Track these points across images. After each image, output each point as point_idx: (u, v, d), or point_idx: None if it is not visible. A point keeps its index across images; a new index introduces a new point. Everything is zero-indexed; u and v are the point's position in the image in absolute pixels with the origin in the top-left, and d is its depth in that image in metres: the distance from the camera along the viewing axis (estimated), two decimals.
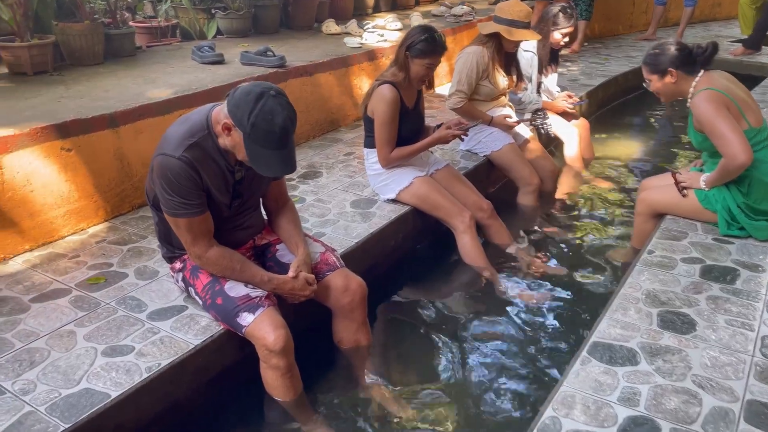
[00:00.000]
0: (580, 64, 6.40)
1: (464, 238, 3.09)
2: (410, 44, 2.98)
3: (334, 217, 3.07)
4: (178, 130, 2.06)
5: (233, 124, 1.96)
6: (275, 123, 1.92)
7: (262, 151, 1.96)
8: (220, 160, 2.09)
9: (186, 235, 2.10)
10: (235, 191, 2.19)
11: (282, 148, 1.97)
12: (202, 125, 2.07)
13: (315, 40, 4.93)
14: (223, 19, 4.80)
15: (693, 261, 2.61)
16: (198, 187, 2.04)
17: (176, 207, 2.04)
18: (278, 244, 2.41)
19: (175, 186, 2.01)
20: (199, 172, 2.03)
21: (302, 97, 4.05)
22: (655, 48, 2.83)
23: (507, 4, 3.60)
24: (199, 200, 2.06)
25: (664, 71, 2.78)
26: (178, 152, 2.00)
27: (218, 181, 2.11)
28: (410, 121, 3.16)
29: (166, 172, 2.00)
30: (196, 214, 2.06)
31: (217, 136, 2.06)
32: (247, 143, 1.95)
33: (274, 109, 1.92)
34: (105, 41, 3.96)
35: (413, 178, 3.15)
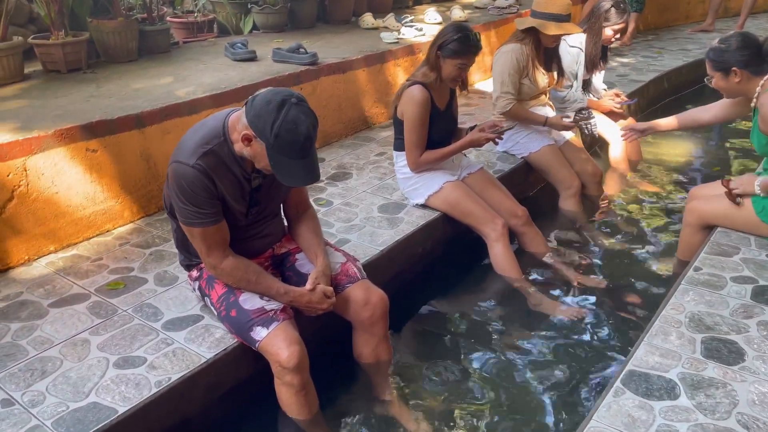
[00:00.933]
0: (631, 58, 6.09)
1: (496, 248, 2.94)
2: (442, 43, 2.83)
3: (360, 223, 2.97)
4: (193, 137, 2.00)
5: (254, 135, 1.89)
6: (299, 132, 1.85)
7: (286, 161, 1.89)
8: (236, 168, 2.02)
9: (201, 244, 2.04)
10: (252, 199, 2.12)
11: (305, 156, 1.91)
12: (217, 132, 2.00)
13: (351, 35, 4.82)
14: (258, 14, 4.74)
15: (744, 280, 2.40)
16: (213, 195, 1.98)
17: (191, 216, 1.98)
18: (298, 253, 2.33)
19: (189, 195, 1.95)
20: (213, 180, 1.96)
21: (335, 95, 3.96)
22: (721, 42, 2.59)
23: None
24: (214, 209, 1.99)
25: (728, 70, 2.55)
26: (192, 160, 1.93)
27: (234, 190, 2.04)
28: (442, 123, 3.02)
29: (180, 181, 1.94)
30: (211, 224, 2.00)
31: (233, 143, 1.99)
32: (270, 153, 1.88)
33: (297, 117, 1.86)
34: (140, 37, 3.95)
35: (443, 183, 3.02)
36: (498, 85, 3.45)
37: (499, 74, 3.44)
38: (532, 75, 3.49)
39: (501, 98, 3.43)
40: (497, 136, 2.95)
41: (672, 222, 3.53)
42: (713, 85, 2.66)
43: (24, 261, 2.58)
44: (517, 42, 3.44)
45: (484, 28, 5.31)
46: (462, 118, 4.44)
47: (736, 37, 2.56)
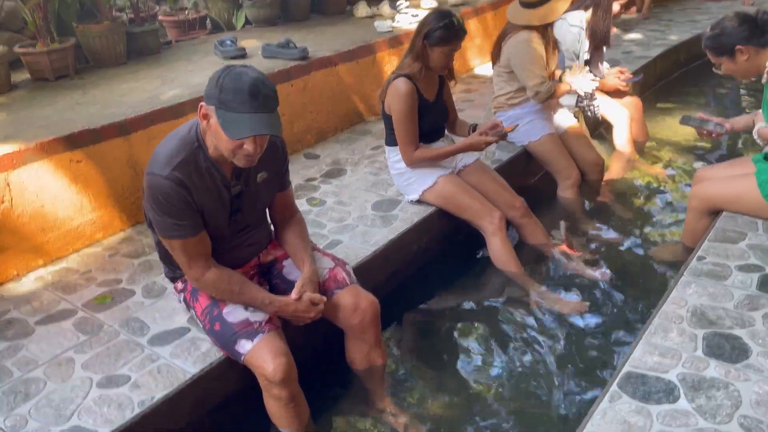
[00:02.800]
0: (637, 33, 5.90)
1: (494, 241, 2.86)
2: (428, 32, 2.73)
3: (354, 222, 2.91)
4: (166, 147, 1.94)
5: (206, 106, 1.81)
6: (243, 81, 1.75)
7: (232, 115, 1.75)
8: (215, 175, 1.95)
9: (181, 257, 1.99)
10: (233, 207, 2.05)
11: (256, 110, 1.75)
12: (191, 138, 1.93)
13: (345, 26, 4.72)
14: (250, 9, 4.66)
15: (750, 269, 2.29)
16: (190, 206, 1.92)
17: (169, 228, 1.92)
18: (285, 260, 2.27)
19: (166, 207, 1.89)
20: (190, 190, 1.90)
21: (327, 89, 3.87)
22: (712, 29, 2.49)
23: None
24: (192, 220, 1.94)
25: (732, 51, 2.43)
26: (165, 171, 1.87)
27: (213, 198, 1.98)
28: (432, 114, 2.93)
29: (155, 193, 1.88)
30: (191, 235, 1.94)
31: (207, 147, 1.92)
32: (218, 113, 1.77)
33: (243, 72, 1.78)
34: (128, 40, 3.90)
35: (438, 177, 2.93)
36: (529, 75, 3.27)
37: (524, 66, 3.27)
38: (545, 59, 3.37)
39: (539, 87, 3.26)
40: (499, 138, 2.84)
41: (678, 206, 3.41)
42: (723, 71, 2.55)
43: (13, 277, 2.56)
44: (524, 30, 3.29)
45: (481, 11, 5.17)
46: (462, 105, 4.35)
47: (726, 18, 2.45)
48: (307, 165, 3.57)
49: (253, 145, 1.82)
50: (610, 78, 3.93)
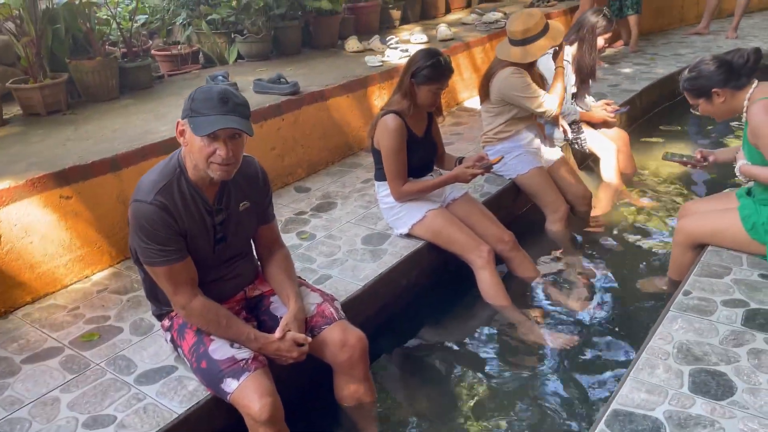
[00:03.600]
0: (624, 66, 6.02)
1: (483, 275, 2.87)
2: (415, 70, 2.79)
3: (343, 256, 2.92)
4: (149, 176, 1.99)
5: (181, 121, 1.91)
6: (213, 90, 1.89)
7: (203, 119, 1.85)
8: (198, 201, 1.99)
9: (167, 284, 1.99)
10: (216, 235, 2.07)
11: (225, 113, 1.85)
12: (173, 165, 1.99)
13: (336, 60, 4.79)
14: (242, 44, 4.73)
15: (735, 304, 2.32)
16: (174, 231, 1.94)
17: (153, 255, 1.94)
18: (272, 296, 2.27)
19: (150, 232, 1.91)
20: (173, 215, 1.93)
21: (318, 123, 3.92)
22: (690, 71, 2.55)
23: (513, 23, 3.32)
24: (177, 245, 1.95)
25: (709, 93, 2.49)
26: (149, 197, 1.91)
27: (197, 224, 2.00)
28: (420, 150, 2.97)
29: (140, 219, 1.91)
30: (176, 261, 1.96)
31: (188, 173, 1.97)
32: (190, 123, 1.87)
33: (213, 85, 1.93)
34: (120, 74, 3.94)
35: (426, 211, 2.96)
36: (531, 101, 3.34)
37: (520, 92, 3.33)
38: None
39: (545, 103, 3.35)
40: (484, 171, 2.88)
41: (665, 239, 3.45)
42: (701, 112, 2.60)
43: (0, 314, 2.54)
44: (510, 65, 3.36)
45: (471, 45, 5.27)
46: (451, 138, 4.42)
47: (703, 61, 2.51)
48: (297, 198, 3.60)
49: (225, 149, 1.88)
50: (597, 110, 4.02)
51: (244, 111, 1.92)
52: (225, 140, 1.89)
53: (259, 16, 4.63)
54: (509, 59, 3.34)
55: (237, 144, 1.93)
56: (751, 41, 6.65)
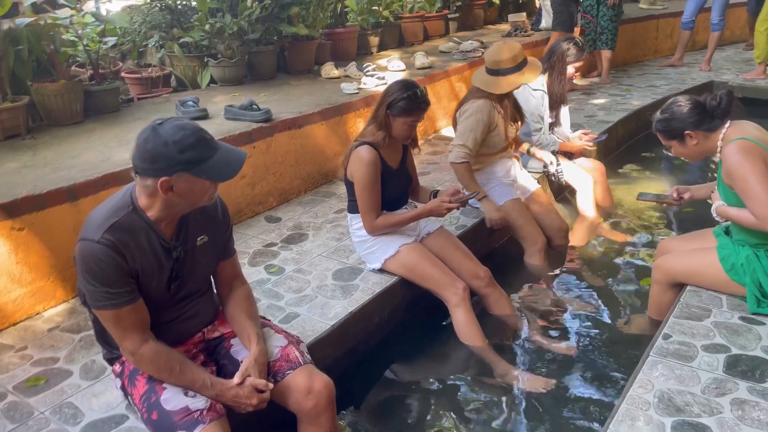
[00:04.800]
0: (599, 98, 6.04)
1: (458, 313, 2.77)
2: (391, 102, 2.71)
3: (313, 292, 2.79)
4: (98, 212, 1.85)
5: (168, 176, 1.74)
6: (190, 133, 1.74)
7: (211, 163, 1.76)
8: (152, 238, 1.86)
9: (115, 329, 1.84)
10: (172, 272, 1.93)
11: (218, 146, 1.79)
12: (125, 202, 1.85)
13: (312, 86, 4.71)
14: (215, 68, 4.62)
15: (716, 349, 2.24)
16: (124, 272, 1.80)
17: (101, 298, 1.79)
18: (233, 338, 2.13)
19: (97, 274, 1.77)
20: (124, 255, 1.79)
21: (291, 151, 3.81)
22: (662, 112, 2.51)
23: (490, 52, 3.31)
24: (127, 288, 1.81)
25: (681, 135, 2.45)
26: (97, 235, 1.77)
27: (151, 263, 1.86)
28: (395, 182, 2.88)
29: (87, 260, 1.77)
30: (124, 304, 1.81)
31: (144, 210, 1.83)
32: (195, 172, 1.75)
33: (174, 125, 1.75)
34: (86, 97, 3.80)
35: (400, 246, 2.85)
36: (459, 134, 3.32)
37: (464, 126, 3.30)
38: (501, 127, 3.38)
39: (458, 149, 3.28)
40: (459, 205, 2.79)
41: (643, 274, 3.38)
42: (673, 153, 2.56)
43: None
44: (484, 98, 3.32)
45: (448, 74, 5.23)
46: (427, 168, 4.34)
47: (675, 103, 2.48)
48: (267, 229, 3.47)
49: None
50: (575, 140, 3.98)
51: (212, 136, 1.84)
52: None
53: (232, 41, 4.53)
54: (477, 84, 3.31)
55: None
56: (724, 74, 6.75)
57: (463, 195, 2.81)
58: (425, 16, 6.59)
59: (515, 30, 6.73)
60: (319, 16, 5.00)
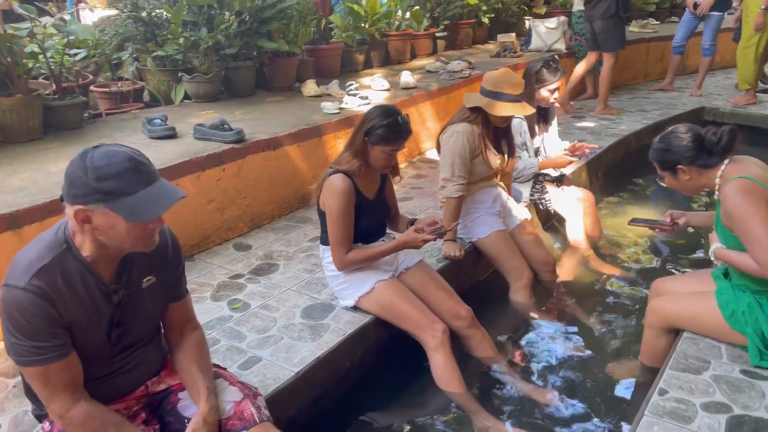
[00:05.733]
0: (589, 122, 5.89)
1: (436, 358, 2.54)
2: (369, 129, 2.51)
3: (278, 333, 2.56)
4: (26, 252, 1.61)
5: (85, 207, 1.51)
6: (118, 161, 1.51)
7: (132, 199, 1.51)
8: (89, 280, 1.63)
9: (42, 388, 1.61)
10: (112, 320, 1.70)
11: (150, 182, 1.55)
12: (58, 241, 1.62)
13: (291, 105, 4.50)
14: (189, 83, 4.40)
15: (717, 408, 2.03)
16: (54, 323, 1.56)
17: (26, 353, 1.56)
18: (181, 391, 1.89)
19: (23, 326, 1.53)
20: (55, 303, 1.56)
21: (264, 174, 3.59)
22: (660, 141, 2.34)
23: (494, 74, 3.13)
24: (56, 341, 1.58)
25: (674, 168, 2.27)
26: (23, 281, 1.54)
27: (87, 311, 1.63)
28: (371, 213, 2.67)
29: (11, 309, 1.54)
30: (53, 359, 1.58)
31: (79, 249, 1.61)
32: (112, 207, 1.50)
33: (106, 152, 1.52)
34: (47, 113, 3.57)
35: (375, 282, 2.64)
36: (447, 167, 3.11)
37: (448, 156, 3.12)
38: (484, 155, 3.19)
39: (452, 182, 3.09)
40: (436, 236, 2.57)
41: (636, 313, 3.18)
42: (666, 185, 2.39)
43: None
44: (465, 121, 3.15)
45: (433, 95, 5.05)
46: (410, 193, 4.14)
47: (674, 134, 2.30)
48: (235, 258, 3.24)
49: (158, 220, 1.59)
50: (560, 156, 3.70)
51: (156, 171, 1.60)
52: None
53: (208, 55, 4.32)
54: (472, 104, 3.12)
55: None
56: (714, 99, 6.65)
57: (441, 226, 2.60)
58: (413, 34, 6.43)
59: (504, 50, 6.59)
60: (300, 31, 4.81)
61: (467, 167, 3.13)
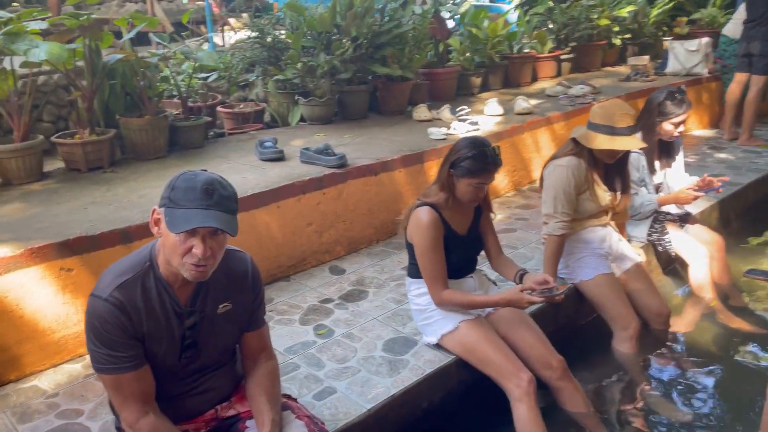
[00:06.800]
0: (728, 153, 5.33)
1: (519, 409, 2.37)
2: (455, 161, 2.42)
3: (357, 364, 2.53)
4: (115, 267, 1.73)
5: (158, 209, 1.65)
6: (197, 180, 1.62)
7: (180, 212, 1.59)
8: (165, 299, 1.71)
9: (115, 396, 1.72)
10: (184, 341, 1.77)
11: (207, 207, 1.60)
12: (143, 258, 1.72)
13: (400, 128, 4.51)
14: (305, 106, 4.56)
15: None
16: (128, 335, 1.66)
17: (103, 360, 1.67)
18: (249, 419, 1.92)
19: (101, 334, 1.65)
20: (131, 316, 1.66)
21: (364, 198, 3.61)
22: None
23: (603, 106, 2.92)
24: (131, 352, 1.67)
25: None
26: (106, 292, 1.65)
27: (160, 327, 1.71)
28: (461, 249, 2.57)
29: (92, 318, 1.66)
30: (126, 370, 1.67)
31: (159, 268, 1.70)
32: (166, 213, 1.60)
33: (198, 172, 1.67)
34: (173, 132, 3.86)
35: (459, 322, 2.52)
36: (550, 202, 2.93)
37: (551, 191, 2.93)
38: (592, 191, 2.97)
39: (554, 219, 2.90)
40: (546, 299, 2.36)
41: (763, 379, 2.79)
42: None
43: None
44: (570, 155, 2.96)
45: (549, 121, 4.83)
46: (514, 224, 3.97)
47: None
48: (329, 282, 3.27)
49: (202, 248, 1.61)
50: (682, 191, 3.34)
51: (229, 205, 1.66)
52: (204, 237, 1.62)
53: (324, 79, 4.45)
54: (582, 141, 2.91)
55: (218, 241, 1.66)
56: None
57: (555, 288, 2.37)
58: (535, 56, 6.22)
59: (635, 74, 6.17)
60: (415, 56, 4.81)
61: (572, 203, 2.93)
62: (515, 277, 2.57)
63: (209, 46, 6.18)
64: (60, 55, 2.99)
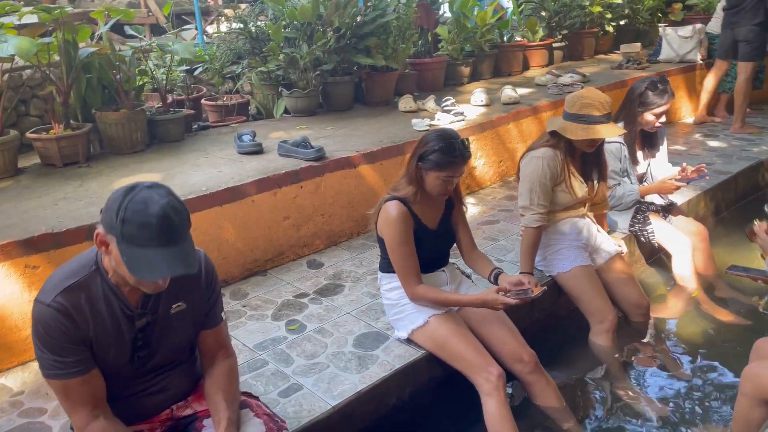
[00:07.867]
0: (720, 141, 5.25)
1: (489, 403, 2.34)
2: (423, 154, 2.38)
3: (326, 360, 2.50)
4: (60, 270, 1.70)
5: (105, 234, 1.56)
6: (150, 213, 1.50)
7: (139, 252, 1.52)
8: (113, 303, 1.68)
9: (63, 401, 1.69)
10: (136, 343, 1.74)
11: (167, 244, 1.53)
12: (89, 261, 1.69)
13: (384, 120, 4.46)
14: (289, 98, 4.51)
15: None
16: (74, 340, 1.63)
17: (49, 366, 1.64)
18: (207, 418, 1.89)
19: (46, 340, 1.62)
20: (76, 321, 1.63)
21: (343, 191, 3.57)
22: None
23: (577, 95, 2.87)
24: (77, 357, 1.64)
25: None
26: (50, 297, 1.62)
27: (108, 331, 1.68)
28: (431, 243, 2.53)
29: (36, 323, 1.64)
30: (74, 375, 1.64)
31: (107, 271, 1.66)
32: (121, 248, 1.53)
33: (149, 198, 1.53)
34: (151, 126, 3.82)
35: (429, 316, 2.49)
36: (526, 194, 2.90)
37: (527, 183, 2.90)
38: (568, 182, 2.93)
39: (530, 211, 2.87)
40: (520, 300, 2.31)
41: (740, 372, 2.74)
42: None
43: None
44: (546, 146, 2.92)
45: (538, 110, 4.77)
46: (497, 215, 3.92)
47: None
48: (305, 276, 3.24)
49: (164, 280, 1.60)
50: (665, 181, 3.29)
51: (186, 232, 1.59)
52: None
53: (306, 71, 4.40)
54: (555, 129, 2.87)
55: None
56: None
57: (530, 290, 2.33)
58: (525, 45, 6.14)
59: (627, 62, 6.08)
60: (400, 46, 4.75)
61: (548, 195, 2.89)
62: (490, 277, 2.53)
63: (198, 37, 6.12)
64: (29, 49, 2.96)
